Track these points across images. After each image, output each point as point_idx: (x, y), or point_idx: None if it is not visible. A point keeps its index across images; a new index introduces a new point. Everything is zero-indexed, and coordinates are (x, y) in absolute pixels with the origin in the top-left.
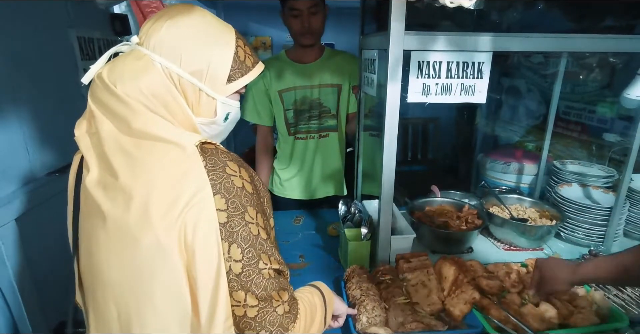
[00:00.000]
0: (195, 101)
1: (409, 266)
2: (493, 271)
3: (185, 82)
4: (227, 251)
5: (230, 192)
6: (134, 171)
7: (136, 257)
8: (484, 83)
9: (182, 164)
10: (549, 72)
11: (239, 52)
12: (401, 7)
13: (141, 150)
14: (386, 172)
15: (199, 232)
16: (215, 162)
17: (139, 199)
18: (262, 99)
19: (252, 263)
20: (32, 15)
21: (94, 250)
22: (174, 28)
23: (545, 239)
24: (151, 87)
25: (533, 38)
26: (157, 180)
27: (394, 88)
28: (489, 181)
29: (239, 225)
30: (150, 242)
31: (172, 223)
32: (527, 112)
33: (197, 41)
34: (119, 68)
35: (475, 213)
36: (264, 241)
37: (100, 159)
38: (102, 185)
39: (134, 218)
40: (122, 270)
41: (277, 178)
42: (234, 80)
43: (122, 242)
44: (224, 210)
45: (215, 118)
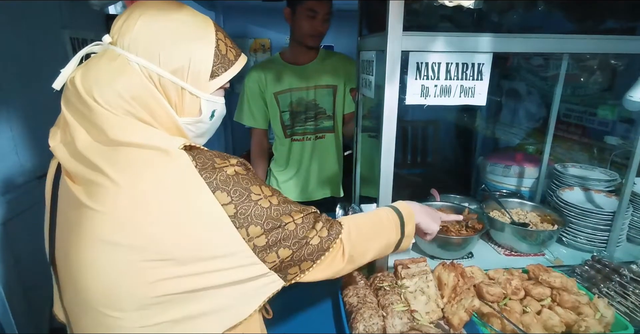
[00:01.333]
0: (178, 101)
1: (408, 272)
2: (494, 277)
3: (166, 81)
4: (246, 235)
5: (228, 183)
6: (120, 173)
7: (132, 271)
8: (484, 85)
9: (169, 167)
10: (549, 75)
11: (220, 45)
12: (399, 6)
13: (122, 154)
14: (384, 176)
15: (214, 235)
16: (204, 161)
17: (130, 205)
18: (257, 102)
19: (274, 228)
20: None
21: (77, 261)
22: (149, 24)
23: (547, 244)
24: (130, 90)
25: (534, 39)
26: (147, 185)
27: (392, 90)
28: (489, 184)
29: (249, 208)
30: (153, 255)
31: (179, 234)
32: (527, 115)
33: (175, 37)
34: (92, 72)
35: (475, 218)
36: (278, 207)
37: (84, 164)
38: (89, 187)
39: (130, 228)
40: (112, 283)
41: (274, 180)
42: (218, 76)
43: (112, 252)
44: (229, 203)
45: (201, 116)
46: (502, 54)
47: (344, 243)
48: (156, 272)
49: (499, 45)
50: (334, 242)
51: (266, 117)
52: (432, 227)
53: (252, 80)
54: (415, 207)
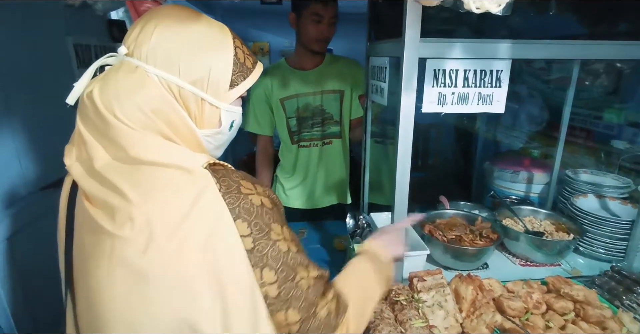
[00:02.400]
0: (198, 112)
1: (424, 285)
2: (513, 290)
3: (187, 93)
4: (260, 277)
5: (251, 213)
6: (142, 196)
7: (155, 297)
8: (502, 92)
9: (191, 189)
10: (552, 78)
11: (238, 53)
12: (416, 12)
13: (144, 175)
14: (400, 186)
15: (225, 266)
16: (229, 183)
17: (150, 231)
18: (263, 108)
19: (288, 280)
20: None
21: (94, 276)
22: (166, 34)
23: (564, 254)
24: (150, 103)
25: (554, 45)
26: (166, 211)
27: (408, 98)
28: (497, 190)
29: (266, 246)
30: (168, 274)
31: (197, 260)
32: (529, 118)
33: (194, 46)
34: (112, 86)
35: (489, 226)
36: (296, 255)
37: (101, 183)
38: (109, 209)
39: (152, 253)
40: (134, 311)
41: (281, 187)
42: (237, 85)
43: (134, 280)
44: (248, 235)
45: (221, 128)
46: (520, 60)
47: (349, 323)
48: (180, 301)
49: (518, 51)
50: (341, 319)
51: (272, 124)
52: (400, 254)
53: (257, 86)
54: (386, 246)
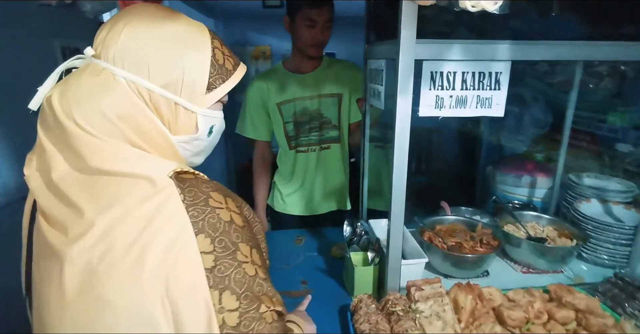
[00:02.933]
0: (171, 118)
1: (422, 294)
2: (514, 299)
3: (158, 97)
4: (219, 301)
5: (217, 229)
6: (98, 210)
7: (105, 323)
8: (502, 95)
9: (152, 201)
10: (556, 81)
11: (217, 54)
12: (412, 12)
13: (103, 186)
14: (396, 191)
15: (180, 285)
16: (196, 194)
17: (106, 248)
18: (260, 113)
19: (251, 309)
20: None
21: (46, 309)
22: (136, 33)
23: (567, 261)
24: (116, 108)
25: (555, 46)
26: (124, 223)
27: (404, 101)
28: (499, 195)
29: (230, 267)
30: (127, 304)
31: (150, 278)
32: (532, 122)
33: (166, 47)
34: (72, 90)
35: (489, 233)
36: (263, 282)
37: (59, 198)
38: (62, 229)
39: (102, 274)
40: None
41: (279, 193)
42: (215, 88)
43: (84, 302)
44: (209, 252)
45: (198, 133)
46: (520, 62)
47: None
48: (135, 326)
49: (518, 52)
50: None
51: (269, 128)
52: None
53: (253, 90)
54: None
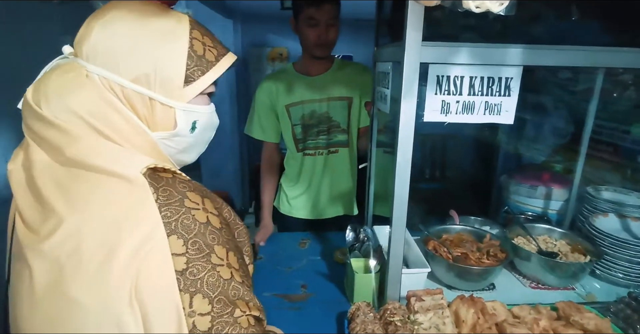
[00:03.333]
0: (148, 114)
1: (422, 305)
2: (519, 315)
3: (130, 92)
4: (189, 305)
5: (190, 231)
6: (71, 211)
7: (74, 322)
8: (512, 101)
9: (126, 200)
10: (578, 89)
11: (195, 45)
12: (418, 14)
13: (78, 183)
14: (398, 198)
15: (149, 287)
16: (171, 194)
17: (75, 246)
18: (268, 115)
19: (224, 313)
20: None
21: (18, 309)
22: (107, 28)
23: (579, 277)
24: (86, 105)
25: (570, 51)
26: (94, 222)
27: (408, 105)
28: (512, 206)
29: (203, 270)
30: (95, 304)
31: (117, 278)
32: (553, 131)
33: (137, 40)
34: (42, 86)
35: (497, 245)
36: (239, 285)
37: (35, 197)
38: (34, 229)
39: (70, 272)
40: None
41: (284, 195)
42: (194, 81)
43: (52, 302)
44: (181, 254)
45: (176, 129)
46: (532, 67)
47: None
48: (103, 328)
49: (530, 57)
50: None
51: (277, 130)
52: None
53: (262, 91)
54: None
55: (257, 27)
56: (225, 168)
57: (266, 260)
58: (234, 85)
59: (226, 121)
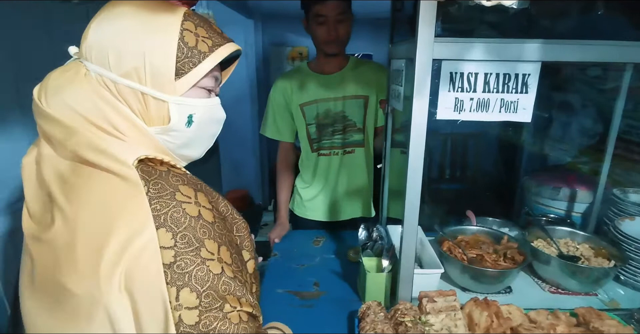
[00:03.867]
0: (142, 108)
1: (434, 306)
2: (535, 320)
3: (122, 87)
4: (176, 298)
5: (180, 224)
6: (68, 203)
7: (67, 310)
8: (529, 99)
9: (116, 193)
10: (608, 87)
11: (187, 36)
12: (431, 10)
13: (75, 175)
14: (410, 198)
15: (137, 280)
16: (162, 187)
17: (68, 237)
18: (283, 114)
19: (213, 308)
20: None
21: (22, 293)
22: (100, 26)
23: (601, 283)
24: (82, 101)
25: (591, 46)
26: (87, 214)
27: (420, 103)
28: (534, 207)
29: (191, 264)
30: (85, 293)
31: (108, 270)
32: (581, 130)
33: (125, 35)
34: (45, 82)
35: (515, 247)
36: (230, 280)
37: (41, 189)
38: (37, 219)
39: (64, 262)
40: (49, 321)
41: (299, 197)
42: (185, 73)
43: (48, 290)
44: (170, 248)
45: (170, 124)
46: (552, 64)
47: None
48: (94, 319)
49: (548, 53)
50: None
51: (292, 129)
52: None
53: (277, 90)
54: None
55: (278, 27)
56: (246, 166)
57: (280, 257)
58: (255, 85)
59: (247, 120)
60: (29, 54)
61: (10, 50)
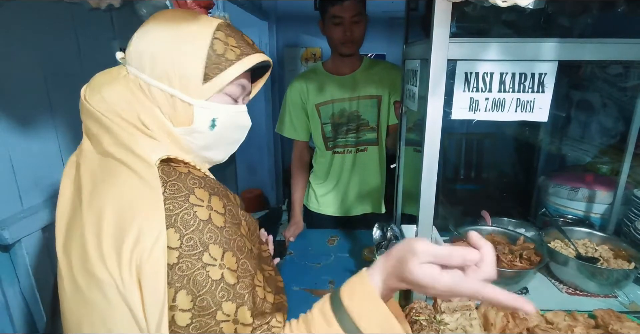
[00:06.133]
0: (170, 110)
1: (449, 306)
2: (552, 321)
3: (154, 89)
4: (172, 299)
5: (189, 226)
6: (94, 197)
7: (95, 295)
8: (545, 98)
9: (133, 190)
10: (629, 85)
11: (216, 44)
12: (446, 10)
13: (104, 170)
14: (425, 198)
15: (146, 276)
16: (179, 188)
17: (91, 229)
18: (299, 113)
19: (205, 313)
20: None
21: (60, 290)
22: (143, 33)
23: (621, 285)
24: (117, 99)
25: (611, 44)
26: (110, 209)
27: (435, 103)
28: (551, 208)
29: (192, 267)
30: (109, 279)
31: (126, 262)
32: (601, 130)
33: (161, 41)
34: (90, 82)
35: (532, 247)
36: (229, 288)
37: (75, 183)
38: (68, 215)
39: (90, 252)
40: (77, 308)
41: (313, 193)
42: (211, 79)
43: (81, 280)
44: (175, 248)
45: (193, 126)
46: (570, 62)
47: None
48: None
49: (565, 52)
50: None
51: (308, 129)
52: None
53: (293, 91)
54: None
55: (292, 28)
56: (260, 166)
57: (295, 256)
58: (269, 85)
59: (261, 120)
60: (58, 58)
61: (41, 55)
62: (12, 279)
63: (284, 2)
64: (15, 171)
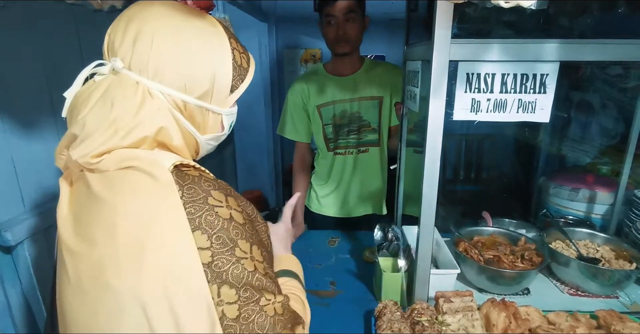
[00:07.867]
0: (202, 121)
1: (450, 307)
2: (554, 322)
3: (192, 106)
4: (217, 295)
5: (214, 226)
6: (110, 202)
7: (108, 304)
8: (547, 99)
9: (151, 196)
10: (630, 86)
11: (236, 56)
12: (447, 11)
13: (115, 179)
14: (427, 200)
15: (178, 282)
16: (196, 192)
17: (108, 238)
18: (300, 115)
19: (250, 302)
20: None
21: (62, 292)
22: (166, 45)
23: (623, 285)
24: (156, 122)
25: (612, 45)
26: (125, 217)
27: (437, 104)
28: (552, 209)
29: (227, 263)
30: (128, 290)
31: (148, 268)
32: (601, 130)
33: (197, 59)
34: (111, 107)
35: (533, 248)
36: (262, 277)
37: (85, 187)
38: (73, 221)
39: (107, 262)
40: (89, 318)
41: (315, 194)
42: (237, 89)
43: (91, 287)
44: (206, 248)
45: (224, 132)
46: (571, 63)
47: None
48: (131, 318)
49: (567, 53)
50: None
51: (309, 130)
52: None
53: (294, 92)
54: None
55: (291, 30)
56: (260, 168)
57: (296, 257)
58: (269, 87)
59: (261, 122)
60: (61, 60)
61: (43, 58)
62: (14, 281)
63: (283, 3)
64: (18, 172)
